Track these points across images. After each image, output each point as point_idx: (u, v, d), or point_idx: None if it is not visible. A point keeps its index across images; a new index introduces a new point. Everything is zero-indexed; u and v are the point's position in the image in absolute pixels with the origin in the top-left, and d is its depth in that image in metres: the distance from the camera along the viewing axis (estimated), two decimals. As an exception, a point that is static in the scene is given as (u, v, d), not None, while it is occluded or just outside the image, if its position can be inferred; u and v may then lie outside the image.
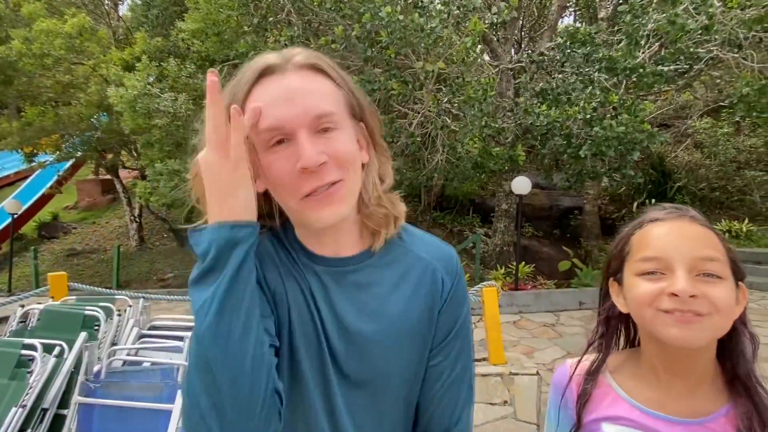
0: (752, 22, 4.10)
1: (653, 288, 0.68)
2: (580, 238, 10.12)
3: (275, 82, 0.65)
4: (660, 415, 0.71)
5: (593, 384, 0.78)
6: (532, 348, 4.94)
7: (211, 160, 0.60)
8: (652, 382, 0.74)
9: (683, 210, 0.73)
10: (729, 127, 10.24)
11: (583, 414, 0.77)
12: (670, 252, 0.68)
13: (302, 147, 0.63)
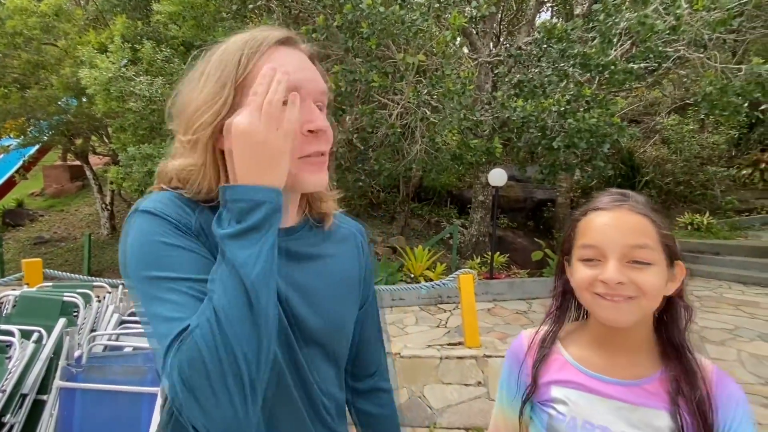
0: (716, 24, 4.31)
1: (590, 274, 0.77)
2: (552, 230, 10.44)
3: (293, 52, 0.72)
4: (602, 377, 0.80)
5: (548, 352, 0.87)
6: (505, 334, 5.12)
7: (259, 128, 0.62)
8: (597, 350, 0.83)
9: (624, 198, 0.80)
10: (694, 124, 10.68)
11: (538, 377, 0.86)
12: (605, 241, 0.76)
13: (316, 113, 0.71)
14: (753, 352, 4.62)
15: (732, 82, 4.88)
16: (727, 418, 0.74)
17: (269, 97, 0.63)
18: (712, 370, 0.78)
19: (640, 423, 0.75)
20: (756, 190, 10.56)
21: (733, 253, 7.67)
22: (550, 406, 0.83)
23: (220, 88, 0.68)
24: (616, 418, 0.77)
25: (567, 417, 0.80)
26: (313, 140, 0.70)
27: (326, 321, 0.77)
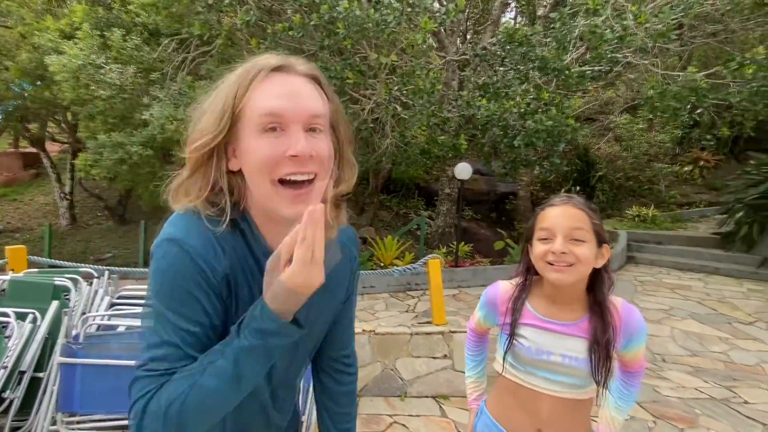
0: (657, 35, 4.79)
1: (544, 248, 1.12)
2: (514, 221, 10.99)
3: (283, 78, 0.75)
4: (550, 320, 1.18)
5: (519, 304, 1.22)
6: (459, 314, 5.51)
7: (311, 281, 0.68)
8: (548, 301, 1.20)
9: (570, 198, 1.15)
10: (643, 124, 11.46)
11: (514, 318, 1.22)
12: (554, 225, 1.12)
13: (297, 137, 0.72)
14: (683, 329, 5.22)
15: (671, 87, 5.42)
16: (627, 335, 1.14)
17: (318, 254, 0.68)
18: (620, 303, 1.16)
19: (570, 346, 1.14)
20: (695, 185, 11.50)
21: (673, 243, 8.42)
22: (516, 339, 1.20)
23: (218, 119, 0.74)
24: (556, 344, 1.15)
25: (528, 346, 1.17)
26: (294, 163, 0.72)
27: (314, 333, 0.93)
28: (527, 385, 1.19)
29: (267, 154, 0.72)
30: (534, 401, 1.19)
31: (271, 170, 0.72)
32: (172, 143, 5.32)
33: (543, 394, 1.17)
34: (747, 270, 7.07)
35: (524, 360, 1.19)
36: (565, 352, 1.14)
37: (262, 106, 0.72)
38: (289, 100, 0.73)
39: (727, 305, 5.87)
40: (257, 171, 0.73)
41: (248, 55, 3.83)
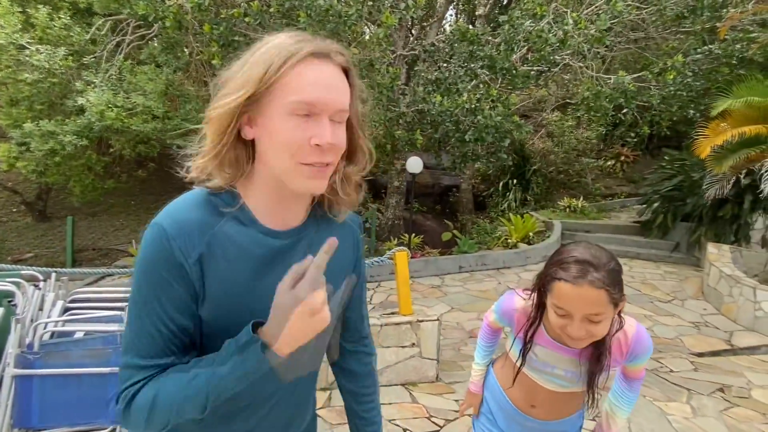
0: (594, 40, 5.21)
1: (561, 322, 1.14)
2: (457, 213, 11.41)
3: (320, 67, 0.75)
4: (557, 342, 1.28)
5: (532, 332, 1.31)
6: (424, 306, 5.66)
7: (325, 322, 0.71)
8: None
9: (588, 271, 1.07)
10: (572, 121, 12.36)
11: (527, 342, 1.33)
12: (572, 309, 1.10)
13: (326, 129, 0.75)
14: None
15: (603, 89, 5.92)
16: (634, 356, 1.25)
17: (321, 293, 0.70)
18: (633, 329, 1.24)
19: (573, 366, 1.27)
20: (617, 178, 12.62)
21: (600, 231, 9.22)
22: (529, 351, 1.32)
23: (244, 82, 0.75)
24: (561, 361, 1.28)
25: (537, 359, 1.32)
26: (317, 152, 0.75)
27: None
28: (534, 380, 1.35)
29: (293, 137, 0.74)
30: (533, 388, 1.36)
31: (294, 153, 0.75)
32: (112, 132, 4.92)
33: (542, 387, 1.34)
34: (663, 254, 7.93)
35: (531, 366, 1.34)
36: (567, 367, 1.28)
37: (298, 92, 0.74)
38: (323, 92, 0.75)
39: (649, 286, 6.57)
40: (281, 149, 0.76)
41: (195, 40, 3.63)
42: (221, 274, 0.78)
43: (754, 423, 3.17)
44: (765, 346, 4.90)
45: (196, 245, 0.76)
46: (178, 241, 0.75)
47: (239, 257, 0.79)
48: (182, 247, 0.75)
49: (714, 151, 5.63)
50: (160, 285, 0.75)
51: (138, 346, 0.76)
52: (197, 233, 0.77)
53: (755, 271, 6.41)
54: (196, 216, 0.78)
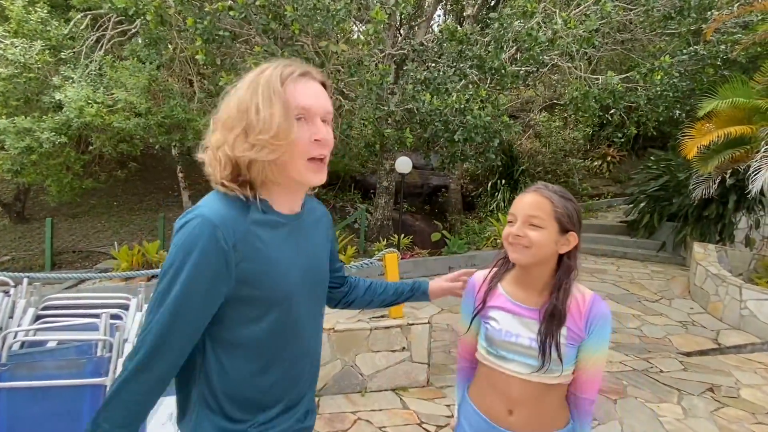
0: (582, 40, 5.20)
1: (507, 230, 1.22)
2: (446, 213, 11.39)
3: (308, 82, 1.01)
4: (517, 303, 1.24)
5: (494, 287, 1.30)
6: (414, 307, 5.62)
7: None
8: (518, 285, 1.27)
9: (540, 187, 1.22)
10: (559, 122, 12.44)
11: (487, 300, 1.29)
12: (516, 210, 1.21)
13: (320, 127, 0.99)
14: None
15: (592, 90, 5.92)
16: (592, 326, 1.18)
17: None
18: (590, 295, 1.22)
19: (532, 329, 1.20)
20: (603, 178, 12.74)
21: (588, 231, 9.27)
22: (488, 322, 1.26)
23: (284, 116, 0.95)
24: (523, 328, 1.21)
25: (497, 328, 1.23)
26: (317, 146, 0.98)
27: (322, 268, 1.18)
28: (499, 369, 1.24)
29: (301, 137, 0.96)
30: (506, 384, 1.23)
31: (304, 152, 0.96)
32: (91, 129, 4.74)
33: (513, 377, 1.22)
34: (649, 253, 8.00)
35: (496, 342, 1.23)
36: (531, 335, 1.19)
37: (300, 102, 0.96)
38: (315, 99, 0.99)
39: (637, 285, 6.61)
40: (292, 152, 0.96)
41: (179, 36, 3.52)
42: (256, 253, 0.95)
43: (744, 423, 3.17)
44: (751, 344, 4.95)
45: (236, 232, 0.93)
46: (221, 229, 0.91)
47: (266, 238, 0.98)
48: (225, 235, 0.91)
49: (700, 152, 5.67)
50: (209, 273, 0.91)
51: (151, 363, 0.92)
52: (236, 227, 0.93)
53: (740, 270, 6.49)
54: (232, 211, 0.95)
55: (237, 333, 0.98)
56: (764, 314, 5.03)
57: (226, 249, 0.91)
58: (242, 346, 0.99)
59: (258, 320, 0.99)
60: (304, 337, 1.10)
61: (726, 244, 7.03)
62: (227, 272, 0.92)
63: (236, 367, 0.99)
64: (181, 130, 5.50)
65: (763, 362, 4.36)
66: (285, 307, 1.01)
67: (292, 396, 1.09)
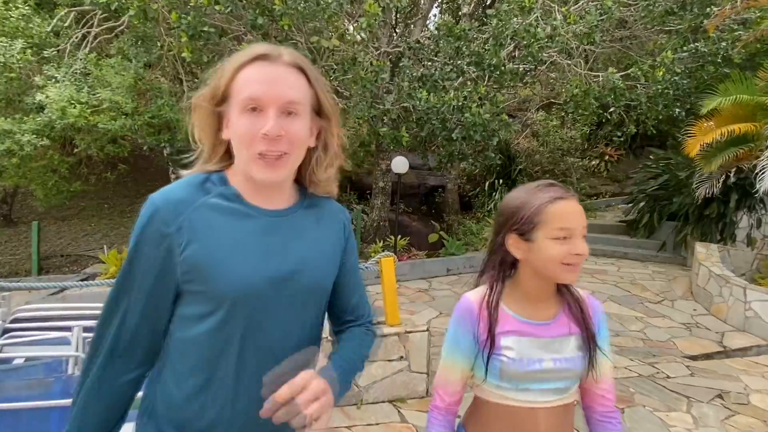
0: (582, 36, 5.07)
1: (563, 249, 1.00)
2: (443, 213, 11.25)
3: (266, 67, 0.86)
4: (530, 321, 1.07)
5: (495, 309, 1.07)
6: (411, 311, 5.47)
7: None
8: (525, 302, 1.09)
9: (564, 188, 1.05)
10: (557, 121, 12.34)
11: (494, 328, 1.06)
12: (575, 225, 1.00)
13: (269, 119, 0.84)
14: (605, 311, 5.66)
15: (592, 87, 5.79)
16: (596, 324, 1.11)
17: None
18: (585, 296, 1.15)
19: (558, 348, 1.06)
20: (601, 177, 12.65)
21: (587, 231, 9.15)
22: (501, 354, 1.04)
23: (214, 89, 0.89)
24: (544, 351, 1.05)
25: (516, 359, 1.03)
26: (265, 142, 0.84)
27: (303, 284, 0.95)
28: (522, 405, 1.05)
29: (244, 131, 0.85)
30: (532, 419, 1.06)
31: (248, 145, 0.85)
32: (75, 131, 4.56)
33: (539, 409, 1.05)
34: (649, 254, 7.88)
35: (515, 375, 1.04)
36: (555, 355, 1.05)
37: (244, 90, 0.85)
38: (267, 86, 0.85)
39: (638, 286, 6.48)
40: (238, 143, 0.87)
41: (166, 34, 3.34)
42: (202, 239, 0.86)
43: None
44: (756, 346, 4.83)
45: (179, 217, 0.85)
46: (163, 211, 0.85)
47: (220, 226, 0.87)
48: (166, 219, 0.85)
49: (703, 150, 5.55)
50: (147, 259, 0.86)
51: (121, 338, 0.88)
52: (181, 208, 0.86)
53: (743, 270, 6.38)
54: (182, 193, 0.88)
55: (185, 334, 0.89)
56: (770, 316, 4.91)
57: (168, 233, 0.84)
58: (186, 353, 0.89)
59: (201, 319, 0.87)
60: (273, 356, 0.89)
61: (727, 244, 6.92)
62: (168, 258, 0.85)
63: (179, 381, 0.89)
64: (170, 130, 5.33)
65: (771, 366, 4.24)
66: (238, 309, 0.87)
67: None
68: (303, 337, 0.96)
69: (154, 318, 0.88)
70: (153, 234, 0.85)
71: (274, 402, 0.76)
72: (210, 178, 0.91)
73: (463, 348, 1.09)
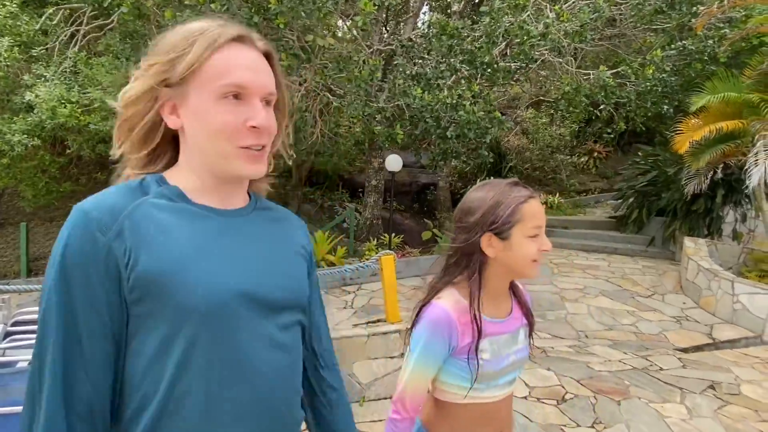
0: (574, 34, 5.13)
1: (535, 246, 1.05)
2: (435, 211, 11.31)
3: (245, 51, 0.76)
4: (495, 320, 1.12)
5: (479, 318, 1.06)
6: (408, 308, 5.49)
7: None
8: (490, 301, 1.12)
9: (530, 189, 1.09)
10: (546, 118, 12.46)
11: (478, 333, 1.07)
12: (543, 222, 1.06)
13: (259, 110, 0.76)
14: (598, 305, 5.75)
15: (583, 85, 5.87)
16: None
17: None
18: (524, 287, 1.25)
19: (518, 341, 1.15)
20: (590, 174, 12.81)
21: (577, 227, 9.28)
22: (477, 359, 1.06)
23: (168, 63, 0.73)
24: (508, 347, 1.12)
25: (491, 359, 1.08)
26: (253, 134, 0.76)
27: (288, 290, 0.83)
28: (490, 401, 1.11)
29: (228, 120, 0.74)
30: (497, 410, 1.14)
31: (230, 137, 0.74)
32: (66, 131, 4.49)
33: (500, 401, 1.14)
34: (639, 249, 8.02)
35: (490, 376, 1.08)
36: (514, 347, 1.13)
37: (226, 75, 0.73)
38: (253, 74, 0.75)
39: (629, 281, 6.60)
40: (216, 134, 0.74)
41: (158, 30, 3.30)
42: (153, 244, 0.70)
43: (749, 422, 3.12)
44: (745, 338, 4.96)
45: (117, 219, 0.70)
46: (95, 214, 0.69)
47: (172, 228, 0.73)
48: (100, 223, 0.68)
49: (692, 147, 5.67)
50: (86, 276, 0.67)
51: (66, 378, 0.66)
52: (118, 209, 0.71)
53: (730, 263, 6.53)
54: (117, 197, 0.73)
55: (140, 374, 0.69)
56: (757, 308, 5.04)
57: (104, 241, 0.67)
58: (149, 395, 0.69)
59: (166, 348, 0.68)
60: (258, 377, 0.74)
61: (714, 238, 7.07)
62: (109, 269, 0.67)
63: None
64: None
65: (759, 357, 4.36)
66: (210, 324, 0.70)
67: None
68: (288, 345, 0.81)
69: (104, 369, 0.68)
70: (84, 247, 0.67)
71: None
72: (144, 180, 0.77)
73: (437, 356, 1.07)
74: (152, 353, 0.70)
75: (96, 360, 0.68)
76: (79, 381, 0.67)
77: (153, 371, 0.70)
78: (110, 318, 0.69)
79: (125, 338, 0.71)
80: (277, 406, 0.78)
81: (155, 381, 0.69)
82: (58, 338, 0.66)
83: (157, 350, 0.69)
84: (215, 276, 0.72)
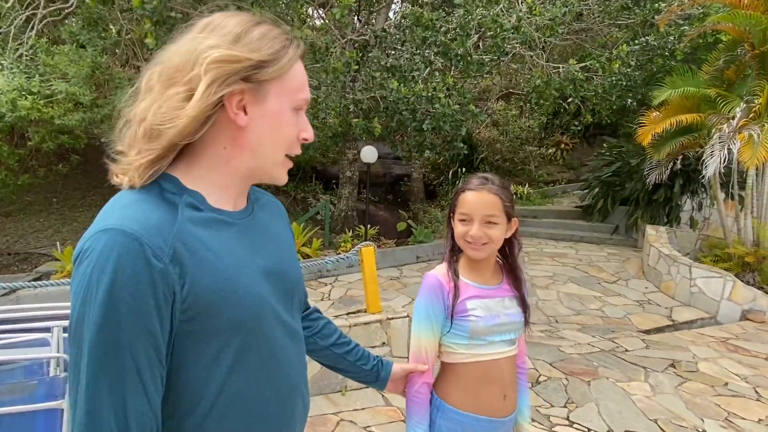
0: (545, 29, 5.26)
1: (463, 229, 1.25)
2: (409, 202, 11.40)
3: (302, 66, 0.80)
4: (483, 286, 1.30)
5: (457, 281, 1.30)
6: (384, 299, 5.55)
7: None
8: (475, 272, 1.32)
9: (486, 181, 1.26)
10: (515, 111, 12.71)
11: (459, 295, 1.28)
12: (472, 211, 1.24)
13: (308, 124, 0.82)
14: (567, 291, 5.99)
15: (553, 78, 6.03)
16: (526, 292, 1.39)
17: None
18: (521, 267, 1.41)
19: (507, 305, 1.31)
20: (558, 165, 13.19)
21: (546, 216, 9.57)
22: (470, 316, 1.25)
23: (260, 61, 0.71)
24: (498, 306, 1.28)
25: (482, 316, 1.25)
26: (299, 146, 0.82)
27: (291, 275, 0.89)
28: (489, 358, 1.27)
29: (293, 132, 0.79)
30: (498, 369, 1.29)
31: (289, 146, 0.80)
32: (27, 123, 4.26)
33: (502, 359, 1.29)
34: (604, 237, 8.37)
35: (483, 331, 1.25)
36: (504, 310, 1.29)
37: (304, 89, 0.78)
38: (308, 91, 0.81)
39: (595, 268, 6.89)
40: (282, 142, 0.78)
41: (122, 15, 3.17)
42: (204, 262, 0.69)
43: (707, 396, 3.36)
44: (701, 319, 5.29)
45: (168, 242, 0.66)
46: (147, 241, 0.64)
47: (212, 243, 0.72)
48: (154, 248, 0.64)
49: (654, 139, 5.94)
50: (140, 309, 0.63)
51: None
52: (166, 230, 0.67)
53: (687, 249, 6.92)
54: (157, 216, 0.68)
55: (195, 388, 0.70)
56: (711, 291, 5.38)
57: (162, 265, 0.64)
58: (207, 406, 0.71)
59: (217, 358, 0.71)
60: (289, 367, 0.82)
61: (673, 226, 7.47)
62: (165, 295, 0.65)
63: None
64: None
65: (714, 336, 4.66)
66: (255, 330, 0.74)
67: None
68: (300, 332, 0.91)
69: (160, 392, 0.68)
70: (139, 276, 0.62)
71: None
72: (162, 188, 0.72)
73: (437, 314, 1.26)
74: (204, 363, 0.71)
75: (156, 387, 0.67)
76: (144, 414, 0.65)
77: (204, 379, 0.71)
78: (163, 341, 0.67)
79: (171, 354, 0.69)
80: (303, 387, 0.87)
81: (206, 385, 0.71)
82: (116, 377, 0.63)
83: (209, 361, 0.71)
84: (254, 286, 0.76)
